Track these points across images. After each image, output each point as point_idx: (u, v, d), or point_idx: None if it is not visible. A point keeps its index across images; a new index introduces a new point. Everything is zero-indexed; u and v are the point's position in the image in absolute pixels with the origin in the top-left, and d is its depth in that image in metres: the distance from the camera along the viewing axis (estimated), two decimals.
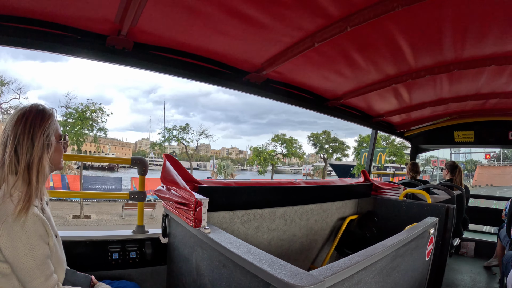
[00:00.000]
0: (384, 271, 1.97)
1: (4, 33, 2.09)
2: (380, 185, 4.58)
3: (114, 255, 2.68)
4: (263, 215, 3.17)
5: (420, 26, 2.50)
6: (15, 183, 1.60)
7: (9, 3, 1.97)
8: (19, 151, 1.63)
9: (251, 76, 3.09)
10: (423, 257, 2.80)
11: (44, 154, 1.70)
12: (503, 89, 4.22)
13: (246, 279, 1.60)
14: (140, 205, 2.93)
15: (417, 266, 2.68)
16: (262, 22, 2.30)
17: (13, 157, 1.62)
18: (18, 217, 1.51)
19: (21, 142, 1.63)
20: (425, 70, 3.36)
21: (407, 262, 2.40)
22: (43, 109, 1.75)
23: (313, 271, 1.44)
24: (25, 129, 1.65)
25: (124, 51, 2.46)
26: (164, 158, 2.68)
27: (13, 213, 1.51)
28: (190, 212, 2.13)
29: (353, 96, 3.99)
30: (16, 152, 1.62)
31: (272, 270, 1.42)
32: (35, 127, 1.68)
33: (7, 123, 1.68)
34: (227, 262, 1.78)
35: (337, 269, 1.50)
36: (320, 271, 1.44)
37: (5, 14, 2.06)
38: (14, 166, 1.62)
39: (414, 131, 6.64)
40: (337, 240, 4.04)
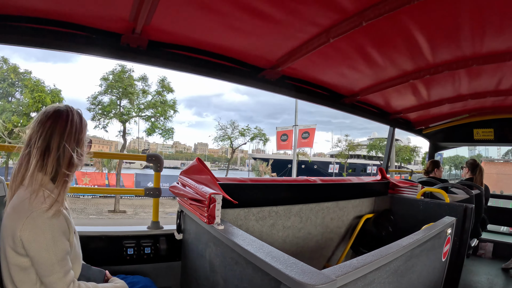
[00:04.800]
0: (398, 272, 1.94)
1: (20, 33, 2.14)
2: (397, 183, 4.52)
3: (129, 251, 2.72)
4: (278, 213, 3.16)
5: (437, 21, 2.44)
6: (43, 180, 1.64)
7: (25, 4, 2.00)
8: (65, 151, 1.67)
9: (266, 73, 3.08)
10: (440, 258, 2.76)
11: (83, 155, 1.78)
12: None
13: (258, 276, 1.60)
14: (155, 201, 2.96)
15: (433, 267, 2.63)
16: (277, 18, 2.28)
17: (55, 156, 1.66)
18: (44, 213, 1.55)
19: (68, 143, 1.68)
20: (443, 66, 3.29)
21: (422, 263, 2.37)
22: (79, 111, 1.81)
23: (325, 270, 1.43)
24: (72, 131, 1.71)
25: (138, 49, 2.47)
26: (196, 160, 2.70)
27: (39, 209, 1.54)
28: (204, 209, 2.14)
29: (370, 92, 3.94)
30: (59, 151, 1.66)
31: (284, 268, 1.42)
32: (81, 131, 1.76)
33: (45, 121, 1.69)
34: (239, 259, 1.78)
35: (350, 268, 1.48)
36: (332, 270, 1.43)
37: (21, 15, 2.09)
38: (53, 164, 1.66)
39: (432, 128, 6.51)
40: (353, 238, 4.01)
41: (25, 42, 2.18)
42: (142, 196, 3.06)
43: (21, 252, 1.55)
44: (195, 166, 2.60)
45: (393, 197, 4.41)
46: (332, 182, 3.84)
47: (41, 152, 1.64)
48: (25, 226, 1.51)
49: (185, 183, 2.53)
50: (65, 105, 1.79)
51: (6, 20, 2.08)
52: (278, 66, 2.96)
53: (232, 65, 2.91)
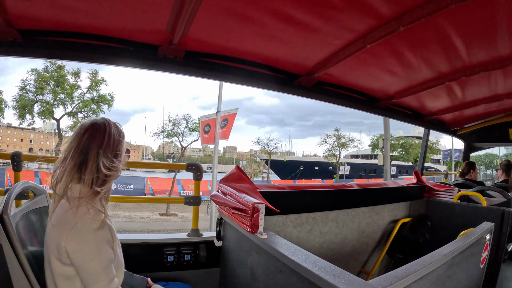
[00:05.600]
0: (439, 280, 1.92)
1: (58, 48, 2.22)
2: (433, 187, 4.43)
3: (169, 258, 2.77)
4: (316, 218, 3.16)
5: (474, 22, 2.39)
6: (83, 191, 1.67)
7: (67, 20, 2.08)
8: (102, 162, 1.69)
9: (302, 79, 3.08)
10: (478, 265, 2.70)
11: (120, 167, 1.79)
12: None
13: (303, 285, 1.62)
14: (195, 209, 2.99)
15: (471, 274, 2.58)
16: (313, 25, 2.28)
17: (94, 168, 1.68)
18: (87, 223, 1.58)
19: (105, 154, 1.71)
20: (479, 67, 3.22)
21: (462, 270, 2.33)
22: (117, 124, 1.84)
23: (371, 281, 1.43)
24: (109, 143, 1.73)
25: (175, 60, 2.52)
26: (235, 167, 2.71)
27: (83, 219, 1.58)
28: (246, 218, 2.15)
29: (405, 95, 3.89)
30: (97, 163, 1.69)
31: (331, 278, 1.43)
32: (119, 141, 1.78)
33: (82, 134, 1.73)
34: (283, 268, 1.79)
35: (395, 278, 1.49)
36: (378, 281, 1.44)
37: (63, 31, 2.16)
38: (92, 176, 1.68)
39: (467, 129, 6.37)
40: (389, 244, 3.96)
41: (62, 56, 2.27)
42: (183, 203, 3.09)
43: (66, 261, 1.58)
44: (235, 174, 2.62)
45: (429, 201, 4.33)
46: (368, 187, 3.81)
47: (79, 165, 1.67)
48: (70, 237, 1.54)
49: (225, 191, 2.54)
50: (102, 118, 1.82)
51: (44, 35, 2.17)
52: (315, 72, 2.96)
53: (268, 72, 2.93)
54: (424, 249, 1.99)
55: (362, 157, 68.07)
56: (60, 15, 2.03)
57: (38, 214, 2.04)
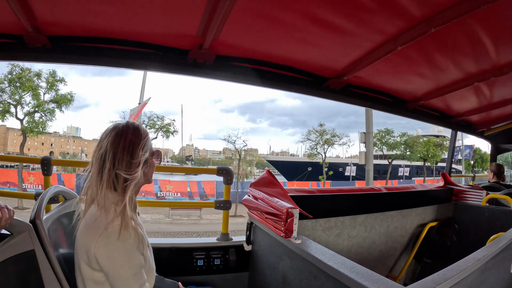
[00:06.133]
0: (472, 286, 1.89)
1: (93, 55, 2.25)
2: (461, 190, 4.37)
3: (199, 262, 2.78)
4: (344, 222, 3.14)
5: (503, 22, 2.35)
6: (109, 196, 1.68)
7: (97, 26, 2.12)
8: (118, 167, 1.68)
9: (331, 82, 3.06)
10: (508, 270, 2.63)
11: (141, 171, 1.76)
12: None
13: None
14: (225, 213, 3.01)
15: (501, 280, 2.52)
16: (343, 27, 2.27)
17: (112, 173, 1.68)
18: (116, 229, 1.57)
19: (121, 158, 1.69)
20: (508, 67, 3.16)
21: (493, 276, 2.29)
22: (138, 126, 1.82)
23: (410, 286, 1.43)
24: (125, 147, 1.71)
25: (205, 64, 2.53)
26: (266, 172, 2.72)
27: (111, 225, 1.58)
28: (280, 223, 2.15)
29: (433, 97, 3.84)
30: (115, 168, 1.68)
31: (370, 284, 1.43)
32: (135, 144, 1.74)
33: (103, 138, 1.74)
34: (318, 273, 1.79)
35: (433, 284, 1.49)
36: (415, 287, 1.44)
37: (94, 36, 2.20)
38: (112, 181, 1.68)
39: (494, 130, 6.23)
40: (416, 248, 3.91)
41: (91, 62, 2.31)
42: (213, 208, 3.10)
43: (95, 267, 1.59)
44: (265, 178, 2.62)
45: (457, 204, 4.27)
46: (396, 191, 3.78)
47: (99, 169, 1.68)
48: (99, 243, 1.55)
49: (256, 196, 2.55)
50: (128, 121, 1.83)
51: (73, 41, 2.21)
52: (344, 75, 2.95)
53: (297, 75, 2.92)
54: (452, 253, 1.97)
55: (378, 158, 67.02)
56: (88, 20, 2.05)
57: (69, 218, 2.06)
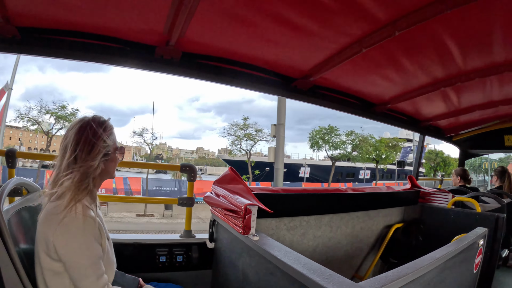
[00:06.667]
0: (431, 284, 1.93)
1: (60, 47, 2.21)
2: (427, 192, 4.46)
3: (161, 258, 2.77)
4: (309, 222, 3.16)
5: (469, 28, 2.42)
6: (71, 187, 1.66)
7: (65, 19, 2.09)
8: (80, 158, 1.70)
9: (298, 83, 3.10)
10: (471, 270, 2.71)
11: (102, 163, 1.78)
12: None
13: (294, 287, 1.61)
14: (188, 210, 3.00)
15: (464, 279, 2.59)
16: (309, 29, 2.30)
17: (74, 164, 1.69)
18: (75, 218, 1.58)
19: (83, 150, 1.71)
20: (474, 73, 3.24)
21: (454, 275, 2.34)
22: (104, 120, 1.83)
23: (361, 283, 1.44)
24: (87, 138, 1.72)
25: (172, 61, 2.53)
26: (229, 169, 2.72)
27: (70, 214, 1.58)
28: (239, 219, 2.15)
29: (400, 100, 3.91)
30: (76, 159, 1.69)
31: (321, 280, 1.43)
32: (98, 137, 1.75)
33: (69, 130, 1.76)
34: (274, 270, 1.79)
35: (386, 281, 1.49)
36: (368, 283, 1.45)
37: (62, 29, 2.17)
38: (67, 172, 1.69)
39: (463, 135, 6.39)
40: (382, 248, 3.97)
41: (60, 55, 2.28)
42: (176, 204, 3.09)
43: (54, 257, 1.59)
44: (228, 176, 2.62)
45: (423, 206, 4.35)
46: (362, 192, 3.82)
47: (62, 160, 1.71)
48: (57, 231, 1.55)
49: (219, 193, 2.55)
50: (94, 114, 1.84)
51: (43, 33, 2.18)
52: (310, 76, 2.98)
53: (264, 75, 2.94)
54: (418, 254, 2.00)
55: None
56: (58, 13, 2.04)
57: (31, 211, 2.03)
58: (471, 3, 1.98)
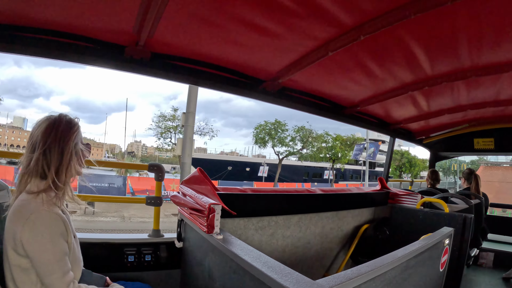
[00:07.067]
0: (393, 282, 1.97)
1: (26, 44, 2.19)
2: (397, 193, 4.56)
3: (129, 258, 2.76)
4: (278, 222, 3.19)
5: (434, 33, 2.48)
6: (40, 185, 1.72)
7: (31, 15, 2.06)
8: (48, 156, 1.74)
9: (267, 85, 3.12)
10: (437, 268, 2.78)
11: (71, 161, 1.82)
12: None
13: (255, 285, 1.64)
14: (156, 209, 2.99)
15: (430, 277, 2.65)
16: (276, 32, 2.33)
17: (42, 162, 1.73)
18: (41, 215, 1.62)
19: (51, 149, 1.74)
20: (441, 77, 3.32)
21: (419, 273, 2.39)
22: (71, 119, 1.88)
23: (319, 280, 1.46)
24: (56, 137, 1.76)
25: (142, 61, 2.53)
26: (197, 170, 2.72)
27: (37, 211, 1.62)
28: (203, 218, 2.18)
29: (370, 103, 3.98)
30: (45, 157, 1.73)
31: (279, 277, 1.45)
32: (66, 136, 1.80)
33: (35, 129, 1.78)
34: (237, 268, 1.82)
35: (344, 279, 1.52)
36: (326, 281, 1.47)
37: (27, 26, 2.15)
38: (41, 169, 1.73)
39: (433, 138, 6.53)
40: (352, 248, 4.04)
41: (26, 52, 2.25)
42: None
43: (21, 253, 1.61)
44: (196, 176, 2.64)
45: (393, 207, 4.44)
46: (332, 193, 3.87)
47: (30, 158, 1.73)
48: (24, 227, 1.58)
49: (185, 192, 2.57)
50: (60, 113, 1.87)
51: (7, 29, 2.14)
52: (279, 78, 3.01)
53: (233, 77, 2.96)
54: (387, 253, 2.04)
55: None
56: (24, 9, 2.01)
57: None
58: (435, 9, 2.03)
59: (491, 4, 2.08)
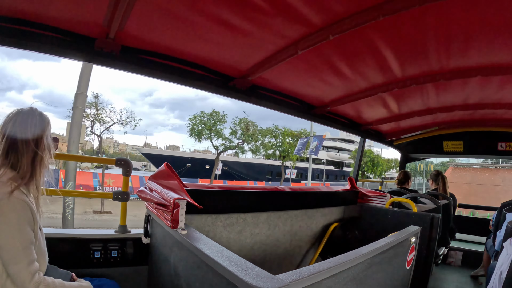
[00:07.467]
0: (357, 278, 1.99)
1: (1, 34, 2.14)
2: (366, 193, 4.64)
3: (96, 254, 2.71)
4: (246, 220, 3.20)
5: (404, 36, 2.55)
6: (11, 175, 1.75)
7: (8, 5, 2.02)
8: (20, 148, 1.78)
9: (237, 82, 3.13)
10: (403, 266, 2.83)
11: (43, 154, 1.86)
12: (490, 100, 4.27)
13: (217, 280, 1.63)
14: (123, 205, 2.95)
15: (396, 275, 2.70)
16: (247, 30, 2.35)
17: (14, 153, 1.77)
18: (9, 201, 1.64)
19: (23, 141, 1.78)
20: (410, 80, 3.40)
21: (384, 270, 2.43)
22: (41, 113, 1.91)
23: (279, 275, 1.46)
24: (25, 130, 1.80)
25: (112, 54, 2.49)
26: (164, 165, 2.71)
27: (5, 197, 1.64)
28: (168, 213, 2.17)
29: (340, 103, 4.04)
30: (16, 149, 1.77)
31: (239, 272, 1.45)
32: (38, 129, 1.84)
33: (7, 122, 1.81)
34: (200, 264, 1.81)
35: (305, 274, 1.52)
36: (287, 276, 1.46)
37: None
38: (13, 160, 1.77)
39: (404, 140, 6.68)
40: (322, 246, 4.07)
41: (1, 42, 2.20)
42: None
43: None
44: (163, 172, 2.62)
45: (362, 206, 4.51)
46: (300, 191, 3.89)
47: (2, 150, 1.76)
48: None
49: (152, 188, 2.55)
50: (30, 107, 1.90)
51: None
52: (248, 75, 3.02)
53: (203, 73, 2.96)
54: None
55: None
56: None
57: None
58: (403, 12, 2.08)
59: (459, 10, 2.16)
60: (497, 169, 40.90)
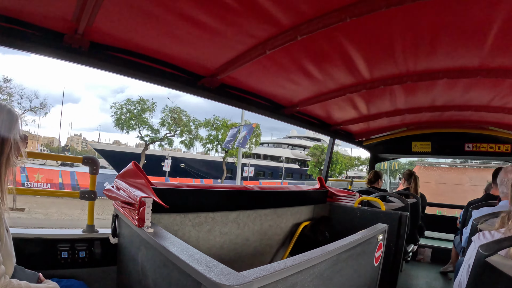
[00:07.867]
0: (324, 275, 2.01)
1: None
2: (335, 192, 4.72)
3: (63, 254, 2.65)
4: (215, 219, 3.20)
5: (371, 38, 2.61)
6: None
7: None
8: None
9: (205, 81, 3.13)
10: (371, 263, 2.88)
11: (10, 152, 1.77)
12: (457, 102, 4.40)
13: (183, 278, 1.63)
14: (90, 204, 2.91)
15: (364, 271, 2.74)
16: (215, 28, 2.35)
17: None
18: None
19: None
20: (378, 81, 3.48)
21: (351, 267, 2.46)
22: (11, 108, 1.81)
23: (244, 272, 1.46)
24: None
25: (80, 50, 2.45)
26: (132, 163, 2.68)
27: None
28: (135, 212, 2.15)
29: (309, 104, 4.09)
30: None
31: (203, 269, 1.45)
32: (7, 126, 1.75)
33: None
34: (167, 262, 1.80)
35: (269, 270, 1.53)
36: (251, 272, 1.47)
37: None
38: None
39: (373, 140, 6.83)
40: (292, 245, 4.12)
41: None
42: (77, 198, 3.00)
43: None
44: (131, 170, 2.60)
45: (332, 205, 4.59)
46: (270, 190, 3.91)
47: None
48: None
49: (119, 186, 2.52)
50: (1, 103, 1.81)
51: None
52: (217, 74, 3.03)
53: (172, 71, 2.94)
54: None
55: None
56: None
57: None
58: (370, 14, 2.13)
59: (426, 14, 2.23)
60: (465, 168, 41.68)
